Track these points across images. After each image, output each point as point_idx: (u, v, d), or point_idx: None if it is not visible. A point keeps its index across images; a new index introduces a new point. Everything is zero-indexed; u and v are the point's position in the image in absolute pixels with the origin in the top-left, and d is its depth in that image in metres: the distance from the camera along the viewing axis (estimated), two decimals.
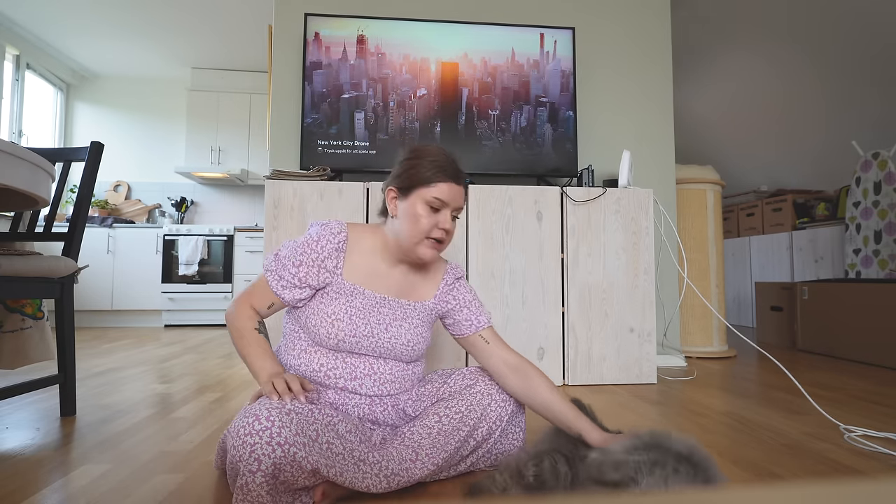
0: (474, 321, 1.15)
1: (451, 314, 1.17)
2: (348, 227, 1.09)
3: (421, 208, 1.03)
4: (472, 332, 1.15)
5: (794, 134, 4.03)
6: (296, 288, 1.04)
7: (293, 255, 1.04)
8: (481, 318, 1.16)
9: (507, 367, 1.10)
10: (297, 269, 1.03)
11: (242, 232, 4.18)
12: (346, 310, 1.04)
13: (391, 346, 1.07)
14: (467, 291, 1.18)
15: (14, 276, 1.28)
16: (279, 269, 1.05)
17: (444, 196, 1.03)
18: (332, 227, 1.06)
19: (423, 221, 1.03)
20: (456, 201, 1.05)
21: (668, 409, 1.61)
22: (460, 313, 1.16)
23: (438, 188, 1.03)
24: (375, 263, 1.09)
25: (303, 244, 1.05)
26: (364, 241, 1.09)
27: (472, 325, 1.15)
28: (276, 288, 1.04)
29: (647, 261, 2.05)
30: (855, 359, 2.52)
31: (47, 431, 1.35)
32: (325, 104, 2.18)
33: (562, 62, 2.32)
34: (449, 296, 1.16)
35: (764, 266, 4.18)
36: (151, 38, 4.00)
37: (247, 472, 0.78)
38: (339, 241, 1.05)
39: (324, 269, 1.04)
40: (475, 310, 1.16)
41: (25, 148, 1.14)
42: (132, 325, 4.11)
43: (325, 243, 1.04)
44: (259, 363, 0.99)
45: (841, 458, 1.17)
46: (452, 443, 1.01)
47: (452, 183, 1.04)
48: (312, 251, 1.03)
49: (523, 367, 1.09)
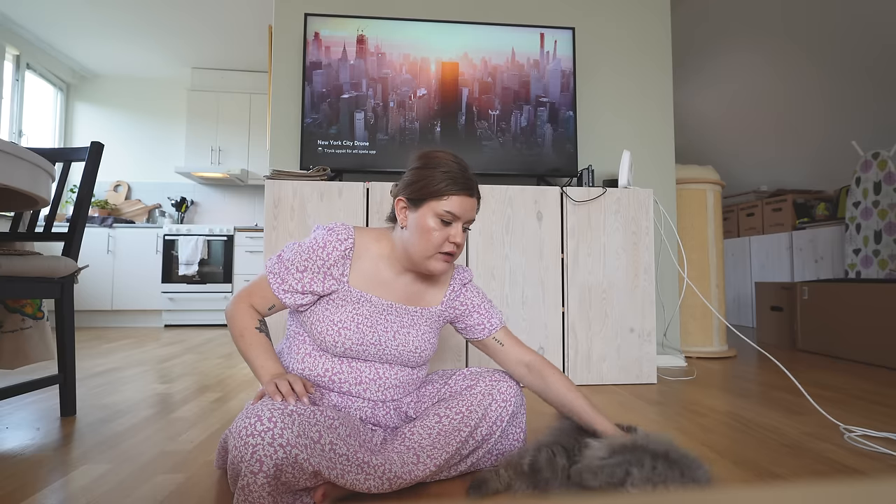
0: (486, 324, 1.15)
1: (461, 319, 1.16)
2: (355, 232, 1.06)
3: (432, 221, 1.00)
4: (485, 335, 1.15)
5: (794, 134, 4.03)
6: (298, 293, 1.02)
7: (298, 259, 1.02)
8: (493, 320, 1.15)
9: (523, 366, 1.11)
10: (302, 275, 1.01)
11: (242, 232, 4.18)
12: (353, 318, 1.02)
13: (398, 352, 1.06)
14: (475, 295, 1.16)
15: (14, 276, 1.28)
16: (282, 272, 1.02)
17: (456, 210, 1.00)
18: (339, 232, 1.03)
19: (435, 235, 1.00)
20: (468, 214, 1.02)
21: (668, 409, 1.61)
22: (471, 318, 1.15)
23: (451, 201, 0.99)
24: (382, 270, 1.07)
25: (308, 249, 1.02)
26: (371, 247, 1.07)
27: (486, 329, 1.15)
28: (278, 291, 1.02)
29: (647, 261, 2.05)
30: (855, 359, 2.52)
31: (47, 431, 1.35)
32: (325, 104, 2.18)
33: (562, 62, 2.32)
34: (457, 301, 1.15)
35: (764, 266, 4.18)
36: (151, 38, 4.00)
37: (248, 472, 0.78)
38: (346, 247, 1.02)
39: (329, 276, 1.02)
40: (485, 313, 1.15)
41: (25, 148, 1.14)
42: (132, 325, 4.11)
43: (331, 250, 1.01)
44: (261, 363, 0.99)
45: (841, 458, 1.17)
46: (453, 443, 1.01)
47: (465, 196, 1.01)
48: (318, 257, 1.01)
49: (539, 365, 1.10)
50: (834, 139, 3.78)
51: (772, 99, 3.94)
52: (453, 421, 1.04)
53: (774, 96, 3.90)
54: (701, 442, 1.29)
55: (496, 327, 1.15)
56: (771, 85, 3.84)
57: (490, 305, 1.17)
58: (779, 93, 3.85)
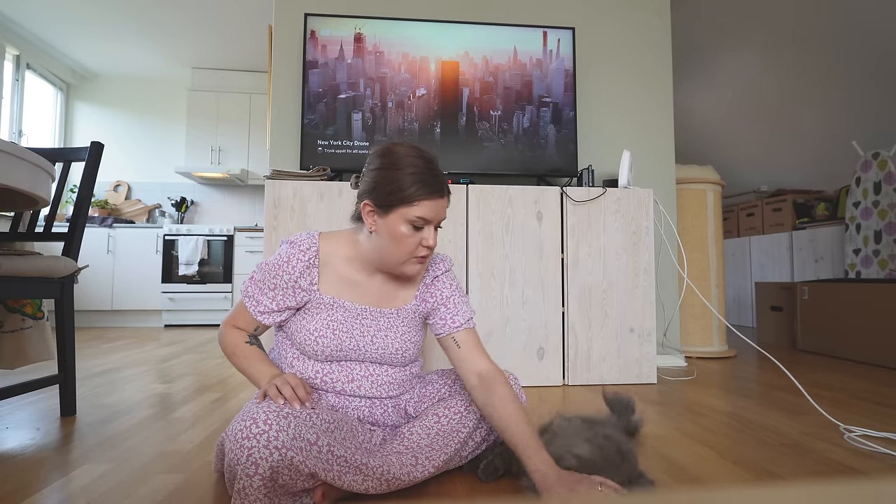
0: (448, 321, 1.06)
1: (431, 313, 1.10)
2: (320, 238, 1.04)
3: (405, 228, 0.96)
4: (445, 332, 1.06)
5: (794, 134, 4.03)
6: (274, 312, 1.02)
7: (266, 278, 1.01)
8: (457, 317, 1.06)
9: (475, 376, 1.00)
10: (274, 293, 1.01)
11: (242, 232, 4.18)
12: (328, 324, 1.01)
13: (380, 355, 1.05)
14: (446, 287, 1.09)
15: (14, 276, 1.28)
16: (256, 295, 1.02)
17: (428, 215, 0.96)
18: (301, 243, 1.01)
19: (408, 242, 0.96)
20: (440, 216, 0.98)
21: (668, 409, 1.61)
22: (437, 312, 1.08)
23: (422, 207, 0.95)
24: (352, 274, 1.05)
25: (274, 266, 1.01)
26: (339, 251, 1.05)
27: (446, 325, 1.06)
28: (255, 314, 1.02)
29: (647, 261, 2.05)
30: (855, 359, 2.52)
31: (47, 431, 1.35)
32: (322, 104, 2.17)
33: (565, 61, 2.31)
34: (427, 294, 1.10)
35: (764, 266, 4.18)
36: (151, 39, 4.00)
37: (244, 475, 0.78)
38: (310, 257, 1.01)
39: (299, 288, 1.01)
40: (452, 308, 1.07)
41: (25, 148, 1.14)
42: (132, 325, 4.11)
43: (295, 262, 1.00)
44: (257, 370, 1.00)
45: (841, 458, 1.17)
46: (452, 444, 1.01)
47: (437, 198, 0.96)
48: (284, 272, 1.00)
49: (492, 378, 0.99)
50: (834, 139, 3.78)
51: (772, 99, 3.94)
52: (452, 421, 1.04)
53: (775, 96, 3.90)
54: (701, 442, 1.29)
55: (458, 326, 1.05)
56: (771, 85, 3.84)
57: (460, 301, 1.09)
58: (779, 93, 3.85)
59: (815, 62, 3.43)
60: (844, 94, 3.46)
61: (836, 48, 3.24)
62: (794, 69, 3.60)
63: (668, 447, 1.25)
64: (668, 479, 1.04)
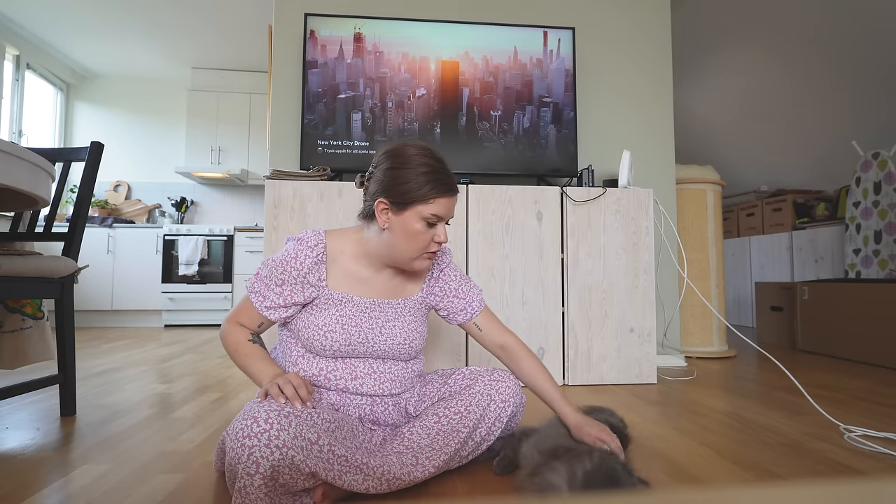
0: (467, 309, 1.17)
1: (441, 304, 1.17)
2: (326, 235, 1.07)
3: (419, 225, 1.00)
4: (466, 319, 1.18)
5: (794, 134, 4.03)
6: (281, 307, 1.03)
7: (274, 274, 1.02)
8: (473, 303, 1.17)
9: (499, 348, 1.17)
10: (281, 289, 1.02)
11: (242, 232, 4.18)
12: (338, 319, 1.03)
13: (388, 347, 1.06)
14: (452, 279, 1.17)
15: (14, 276, 1.28)
16: (262, 290, 1.03)
17: (441, 212, 1.00)
18: (308, 240, 1.04)
19: (421, 238, 1.01)
20: (451, 213, 1.04)
21: (668, 409, 1.61)
22: (450, 303, 1.16)
23: (436, 204, 1.00)
24: (360, 270, 1.08)
25: (282, 262, 1.02)
26: (345, 248, 1.07)
27: (466, 313, 1.17)
28: (262, 309, 1.03)
29: (647, 261, 2.05)
30: (855, 359, 2.52)
31: (47, 431, 1.35)
32: (322, 104, 2.17)
33: (565, 61, 2.31)
34: (436, 287, 1.16)
35: (764, 266, 4.18)
36: (151, 38, 4.00)
37: (245, 474, 0.78)
38: (318, 253, 1.03)
39: (307, 284, 1.03)
40: (464, 296, 1.16)
41: (25, 148, 1.14)
42: (132, 325, 4.11)
43: (303, 258, 1.02)
44: (259, 369, 0.99)
45: (841, 458, 1.17)
46: (452, 444, 1.01)
47: (450, 196, 1.01)
48: (293, 268, 1.02)
49: (514, 349, 1.15)
50: (834, 139, 3.78)
51: (773, 99, 3.94)
52: (452, 421, 1.04)
53: (775, 96, 3.90)
54: (701, 442, 1.29)
55: (476, 311, 1.17)
56: (771, 85, 3.84)
57: (469, 287, 1.18)
58: (779, 93, 3.85)
59: (818, 63, 3.43)
60: (845, 93, 3.46)
61: (839, 49, 3.24)
62: (793, 69, 3.60)
63: (668, 447, 1.25)
64: (667, 479, 1.04)
